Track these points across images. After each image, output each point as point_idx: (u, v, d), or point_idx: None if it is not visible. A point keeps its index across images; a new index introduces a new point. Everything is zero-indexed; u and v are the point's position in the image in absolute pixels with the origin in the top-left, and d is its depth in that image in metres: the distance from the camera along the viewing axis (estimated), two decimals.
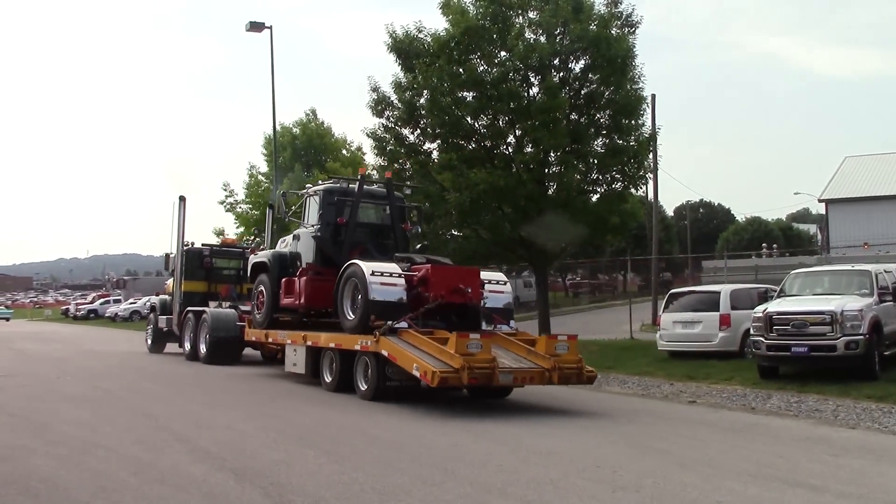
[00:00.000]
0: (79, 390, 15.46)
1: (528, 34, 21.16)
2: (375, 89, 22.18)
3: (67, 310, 75.33)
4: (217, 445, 9.40)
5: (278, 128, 40.60)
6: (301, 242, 17.76)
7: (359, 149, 45.40)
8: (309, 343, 16.10)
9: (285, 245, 18.61)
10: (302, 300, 16.71)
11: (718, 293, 18.96)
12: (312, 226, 17.28)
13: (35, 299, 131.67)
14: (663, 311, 19.86)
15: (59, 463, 8.47)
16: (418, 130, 22.27)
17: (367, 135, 22.48)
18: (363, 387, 14.18)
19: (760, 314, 15.14)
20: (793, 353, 14.64)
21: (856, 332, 14.15)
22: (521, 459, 8.67)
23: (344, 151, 45.49)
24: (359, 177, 17.44)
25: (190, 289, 24.52)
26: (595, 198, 22.48)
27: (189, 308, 23.57)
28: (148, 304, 33.30)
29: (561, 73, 21.52)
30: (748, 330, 16.31)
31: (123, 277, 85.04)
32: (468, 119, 21.57)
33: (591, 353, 21.03)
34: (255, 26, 34.06)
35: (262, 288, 18.36)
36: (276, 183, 37.76)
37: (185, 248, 25.06)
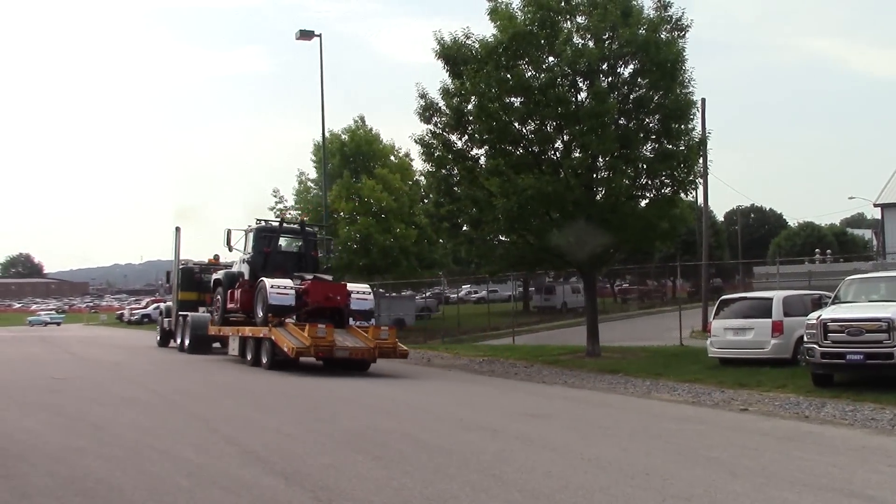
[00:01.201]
0: (132, 393, 15.75)
1: (577, 39, 21.07)
2: (423, 96, 22.31)
3: (122, 314, 76.69)
4: (267, 449, 9.50)
5: (327, 135, 41.01)
6: (243, 265, 24.52)
7: (407, 155, 45.67)
8: (240, 334, 23.29)
9: (235, 266, 25.47)
10: (238, 305, 23.36)
11: (771, 299, 18.66)
12: (248, 253, 24.28)
13: (91, 304, 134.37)
14: (714, 318, 19.60)
15: (113, 464, 8.63)
16: (466, 136, 22.32)
17: (415, 141, 22.63)
18: (265, 360, 21.22)
19: (814, 321, 14.87)
20: (848, 360, 14.35)
21: None
22: (570, 466, 8.62)
23: (392, 157, 45.75)
24: (279, 219, 25.75)
25: (185, 298, 31.03)
26: (644, 203, 22.32)
27: (181, 312, 30.28)
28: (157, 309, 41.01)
29: (609, 78, 21.38)
30: (801, 337, 16.02)
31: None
32: (516, 124, 21.55)
33: (639, 360, 20.94)
34: (305, 35, 34.45)
35: (218, 296, 25.11)
36: (325, 189, 38.14)
37: (181, 266, 32.11)
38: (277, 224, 25.27)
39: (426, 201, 31.16)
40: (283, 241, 24.82)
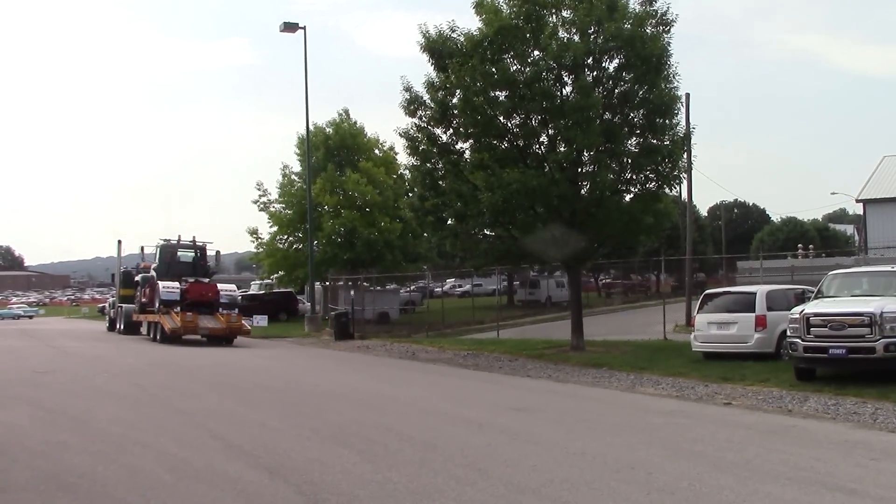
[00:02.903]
0: (114, 387, 15.65)
1: (562, 33, 21.01)
2: (408, 89, 22.17)
3: (104, 307, 76.12)
4: (251, 443, 9.46)
5: (311, 128, 40.86)
6: (153, 270, 33.33)
7: (391, 148, 45.58)
8: (147, 320, 32.50)
9: (150, 271, 33.76)
10: (147, 299, 32.54)
11: (754, 294, 18.72)
12: (155, 263, 33.55)
13: (72, 297, 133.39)
14: (698, 312, 19.64)
15: (96, 459, 8.57)
16: (451, 130, 22.21)
17: (400, 134, 22.49)
18: (158, 337, 30.02)
19: (797, 315, 14.92)
20: (830, 354, 14.40)
21: (895, 333, 13.90)
22: (555, 460, 8.63)
23: (377, 151, 45.65)
24: (178, 238, 34.04)
25: (125, 294, 38.99)
26: (628, 198, 22.29)
27: (119, 304, 39.74)
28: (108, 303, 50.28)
29: (594, 73, 21.33)
30: (784, 331, 16.07)
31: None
32: (501, 118, 21.49)
33: (624, 354, 20.98)
34: (289, 27, 34.31)
35: (138, 293, 34.13)
36: (308, 183, 38.00)
37: (122, 269, 41.60)
38: (176, 241, 34.04)
39: (411, 195, 31.02)
40: (181, 254, 33.60)
